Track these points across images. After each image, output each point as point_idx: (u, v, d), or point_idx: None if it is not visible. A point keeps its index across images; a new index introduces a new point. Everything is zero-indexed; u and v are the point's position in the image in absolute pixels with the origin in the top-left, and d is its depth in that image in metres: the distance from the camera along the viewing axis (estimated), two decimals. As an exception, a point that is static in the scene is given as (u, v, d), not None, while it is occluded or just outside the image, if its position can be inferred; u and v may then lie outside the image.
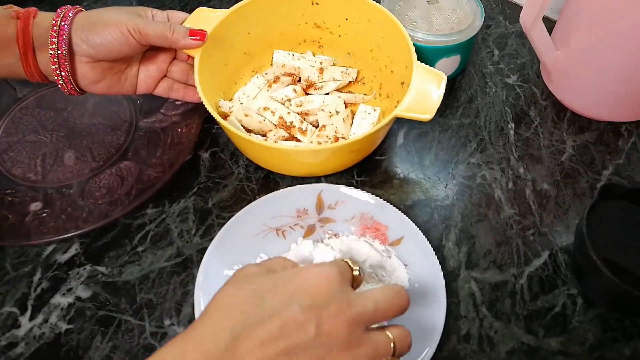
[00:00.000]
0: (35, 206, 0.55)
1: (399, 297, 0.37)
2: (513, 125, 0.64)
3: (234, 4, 0.59)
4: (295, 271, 0.36)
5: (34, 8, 0.51)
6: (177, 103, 0.64)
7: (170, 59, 0.59)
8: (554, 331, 0.49)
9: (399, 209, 0.54)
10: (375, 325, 0.37)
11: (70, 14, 0.50)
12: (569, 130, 0.63)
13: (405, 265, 0.51)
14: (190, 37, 0.53)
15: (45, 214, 0.54)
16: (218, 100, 0.61)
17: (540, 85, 0.68)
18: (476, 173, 0.60)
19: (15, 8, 0.51)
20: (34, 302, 0.51)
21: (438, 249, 0.54)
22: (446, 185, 0.59)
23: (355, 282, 0.38)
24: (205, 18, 0.58)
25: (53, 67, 0.50)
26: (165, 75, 0.59)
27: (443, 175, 0.60)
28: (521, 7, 0.76)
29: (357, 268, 0.38)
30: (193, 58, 0.55)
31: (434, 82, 0.53)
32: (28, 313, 0.50)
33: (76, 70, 0.52)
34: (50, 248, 0.54)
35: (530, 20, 0.57)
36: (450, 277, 0.52)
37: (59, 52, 0.49)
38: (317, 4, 0.63)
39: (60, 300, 0.51)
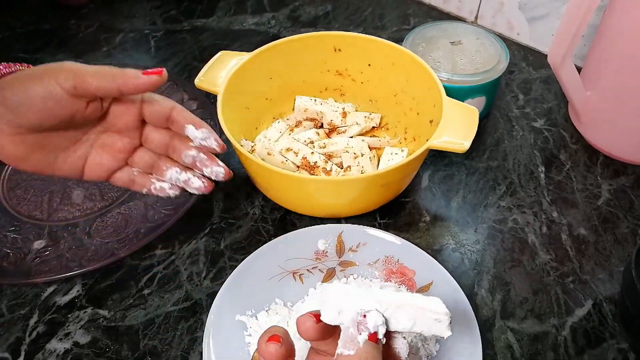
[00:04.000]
0: (39, 244, 0.52)
1: None
2: (543, 169, 0.61)
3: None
4: None
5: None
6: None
7: (133, 146, 0.46)
8: (606, 390, 0.44)
9: (427, 253, 0.50)
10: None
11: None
12: (603, 174, 0.60)
13: (434, 313, 0.47)
14: (144, 75, 0.41)
15: (48, 252, 0.51)
16: (239, 140, 0.59)
17: (569, 129, 0.65)
18: (507, 217, 0.56)
19: None
20: (28, 348, 0.46)
21: (470, 296, 0.49)
22: (476, 229, 0.55)
23: None
24: (228, 60, 0.57)
25: None
26: (125, 165, 0.47)
27: (472, 218, 0.56)
28: (543, 54, 0.75)
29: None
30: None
31: (465, 114, 0.50)
32: (20, 359, 0.46)
33: None
34: (50, 289, 0.50)
35: (559, 58, 0.55)
36: (484, 327, 0.47)
37: None
38: (339, 50, 0.62)
39: (57, 345, 0.46)
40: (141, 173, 0.47)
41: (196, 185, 0.47)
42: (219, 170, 0.47)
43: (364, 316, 0.30)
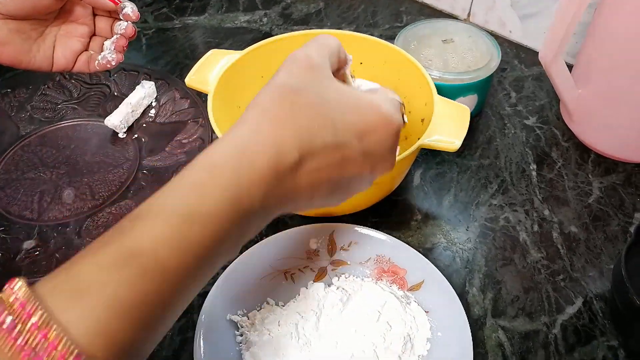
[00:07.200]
0: (28, 244, 0.52)
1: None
2: (535, 167, 0.61)
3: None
4: (366, 105, 0.34)
5: None
6: (184, 141, 0.62)
7: (91, 33, 0.54)
8: (596, 388, 0.44)
9: (418, 252, 0.50)
10: None
11: None
12: (594, 172, 0.60)
13: (426, 312, 0.47)
14: None
15: (38, 252, 0.51)
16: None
17: (560, 127, 0.65)
18: (499, 215, 0.56)
19: None
20: (18, 349, 0.46)
21: (461, 295, 0.49)
22: (467, 227, 0.55)
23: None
24: (218, 59, 0.57)
25: None
26: (86, 49, 0.54)
27: (464, 217, 0.56)
28: (535, 52, 0.75)
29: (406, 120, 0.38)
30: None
31: (456, 112, 0.50)
32: (10, 361, 0.45)
33: None
34: (40, 290, 0.50)
35: (550, 56, 0.55)
36: (475, 326, 0.48)
37: None
38: None
39: (47, 346, 0.46)
40: (95, 53, 0.54)
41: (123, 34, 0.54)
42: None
43: None
